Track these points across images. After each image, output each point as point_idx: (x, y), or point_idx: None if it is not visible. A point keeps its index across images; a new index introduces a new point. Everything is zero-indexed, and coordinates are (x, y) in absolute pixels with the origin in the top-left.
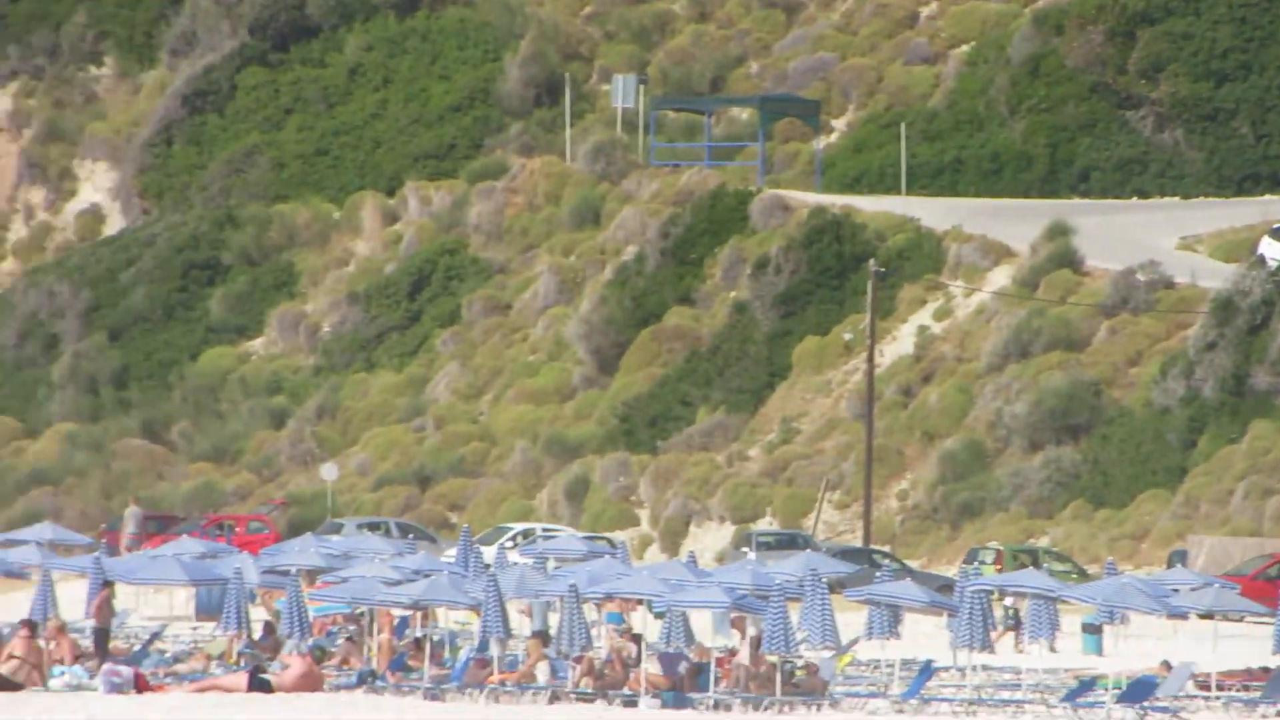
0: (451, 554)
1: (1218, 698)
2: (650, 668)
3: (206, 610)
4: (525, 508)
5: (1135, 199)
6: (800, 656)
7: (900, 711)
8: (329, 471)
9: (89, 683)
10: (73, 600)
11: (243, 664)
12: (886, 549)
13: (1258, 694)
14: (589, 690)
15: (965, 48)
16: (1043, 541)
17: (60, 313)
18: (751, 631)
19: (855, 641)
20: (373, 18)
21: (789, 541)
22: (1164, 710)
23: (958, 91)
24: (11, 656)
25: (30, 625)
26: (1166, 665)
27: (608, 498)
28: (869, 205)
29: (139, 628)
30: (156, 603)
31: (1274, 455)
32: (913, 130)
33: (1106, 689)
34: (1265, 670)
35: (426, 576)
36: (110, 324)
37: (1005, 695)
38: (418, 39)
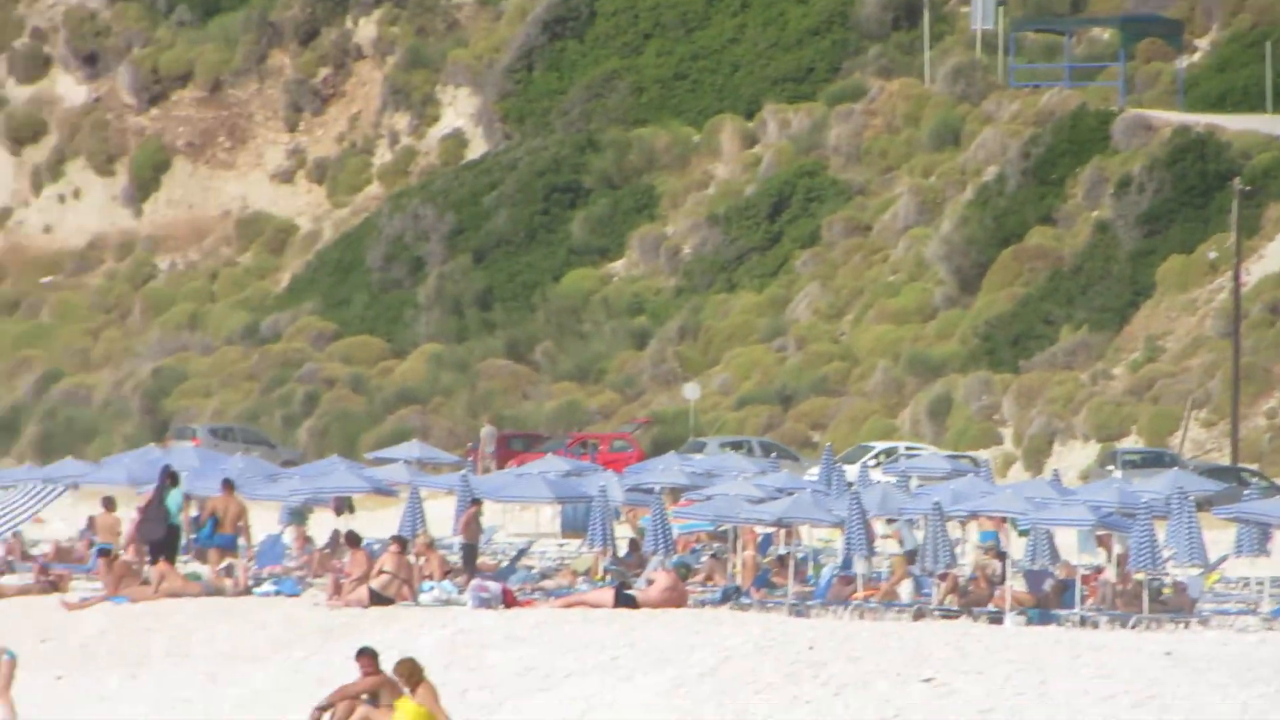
0: (814, 472)
1: None
2: (1015, 585)
3: (572, 527)
4: (887, 427)
5: None
6: (1167, 574)
7: (1270, 629)
8: (691, 391)
9: (458, 598)
10: (441, 517)
11: (608, 580)
12: (1254, 467)
13: None
14: (953, 607)
15: None
16: None
17: (425, 236)
18: (1118, 549)
19: (1223, 559)
20: None
21: (1155, 459)
22: None
23: None
24: (383, 572)
25: (400, 542)
26: None
27: (970, 416)
28: (1233, 124)
29: (506, 544)
30: (523, 520)
31: None
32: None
33: None
34: None
35: (789, 495)
36: (474, 246)
37: None
38: None
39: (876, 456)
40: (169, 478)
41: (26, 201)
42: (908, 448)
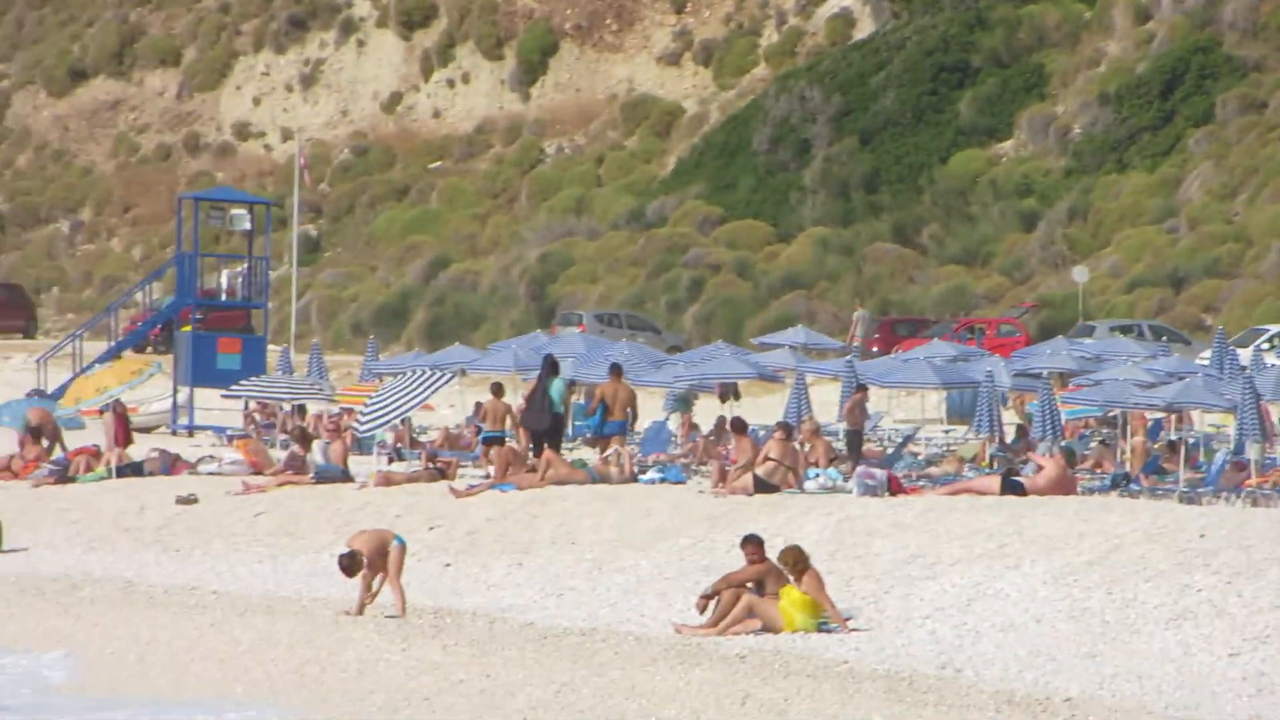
0: (1206, 356)
1: None
2: None
3: (958, 413)
4: None
5: None
6: None
7: None
8: (1080, 274)
9: (842, 485)
10: (826, 403)
11: (995, 467)
12: None
13: None
14: None
15: None
16: None
17: (811, 118)
18: None
19: None
20: None
21: None
22: None
23: None
24: (768, 459)
25: (785, 428)
26: None
27: None
28: None
29: (891, 430)
30: (908, 406)
31: None
32: None
33: None
34: None
35: (1180, 379)
36: (861, 128)
37: None
38: None
39: (1271, 339)
40: (550, 366)
41: (416, 86)
42: None
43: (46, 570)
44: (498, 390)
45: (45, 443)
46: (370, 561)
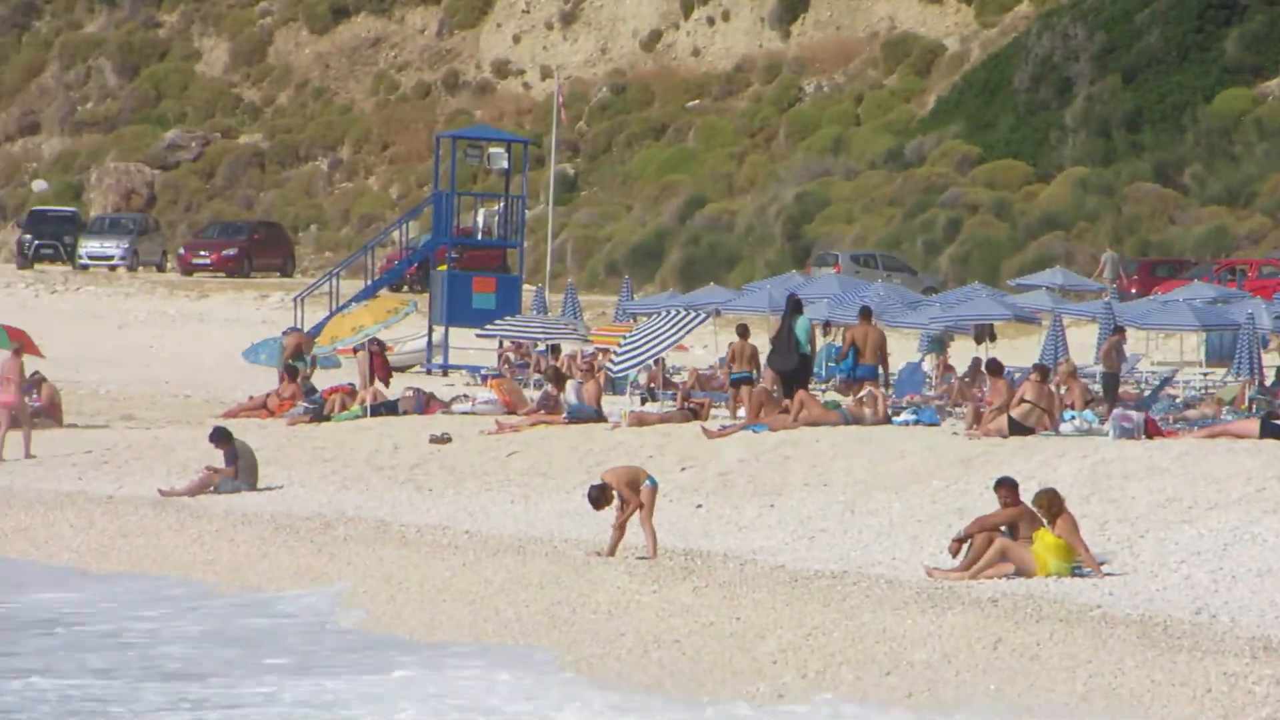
0: None
1: None
2: None
3: (1217, 355)
4: None
5: None
6: None
7: None
8: None
9: (1099, 428)
10: (1083, 345)
11: (1254, 410)
12: None
13: None
14: None
15: None
16: None
17: (1074, 55)
18: None
19: None
20: None
21: None
22: None
23: None
24: (1023, 401)
25: (1042, 370)
26: None
27: None
28: None
29: (1149, 373)
30: (1167, 348)
31: None
32: None
33: None
34: None
35: None
36: (1124, 66)
37: None
38: None
39: None
40: (794, 305)
41: (676, 24)
42: None
43: (300, 509)
44: (743, 332)
45: (303, 369)
46: (621, 496)
